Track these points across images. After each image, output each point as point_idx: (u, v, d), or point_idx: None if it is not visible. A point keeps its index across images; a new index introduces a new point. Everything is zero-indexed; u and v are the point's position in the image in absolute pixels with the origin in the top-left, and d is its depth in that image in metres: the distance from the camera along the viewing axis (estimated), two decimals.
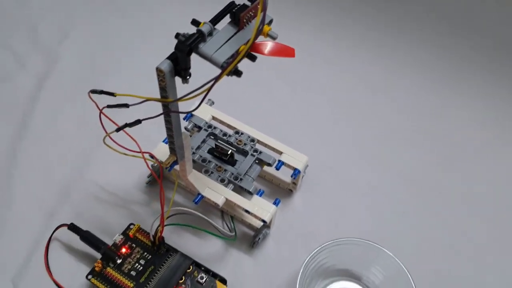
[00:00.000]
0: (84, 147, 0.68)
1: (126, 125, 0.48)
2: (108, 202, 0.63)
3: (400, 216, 0.64)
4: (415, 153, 0.71)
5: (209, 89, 0.39)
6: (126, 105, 0.47)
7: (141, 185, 0.65)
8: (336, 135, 0.72)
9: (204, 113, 0.64)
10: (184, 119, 0.64)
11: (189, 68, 0.41)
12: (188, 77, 0.41)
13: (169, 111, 0.44)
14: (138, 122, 0.47)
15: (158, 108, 0.46)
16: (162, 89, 0.42)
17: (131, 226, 0.58)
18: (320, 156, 0.67)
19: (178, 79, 0.42)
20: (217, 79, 0.39)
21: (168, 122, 0.46)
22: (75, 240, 0.58)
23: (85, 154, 0.67)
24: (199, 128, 0.63)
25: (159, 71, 0.40)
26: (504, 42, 0.85)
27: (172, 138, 0.48)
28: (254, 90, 0.75)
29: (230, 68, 0.39)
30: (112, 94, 0.45)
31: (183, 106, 0.46)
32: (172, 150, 0.50)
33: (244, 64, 0.41)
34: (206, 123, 0.63)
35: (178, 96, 0.43)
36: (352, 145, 0.71)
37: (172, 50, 0.40)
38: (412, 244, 0.61)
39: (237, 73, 0.40)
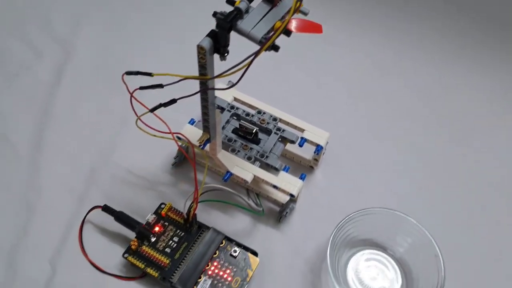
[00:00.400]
0: (107, 132, 0.69)
1: (161, 105, 0.49)
2: (136, 184, 0.65)
3: (418, 190, 0.66)
4: (428, 129, 0.73)
5: (249, 64, 0.41)
6: (160, 86, 0.48)
7: (167, 167, 0.66)
8: (352, 115, 0.74)
9: (226, 95, 0.66)
10: None
11: (228, 45, 0.42)
12: (226, 54, 0.43)
13: (207, 88, 0.45)
14: (173, 101, 0.49)
15: (185, 88, 0.46)
16: (202, 66, 0.43)
17: (162, 206, 0.60)
18: (337, 135, 0.68)
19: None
20: (257, 54, 0.40)
21: (204, 100, 0.48)
22: (107, 222, 0.60)
23: (109, 139, 0.69)
24: (222, 109, 0.64)
25: (200, 48, 0.42)
26: (509, 22, 0.87)
27: (207, 116, 0.50)
28: (270, 72, 0.77)
29: (269, 43, 0.40)
30: (149, 74, 0.47)
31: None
32: (206, 128, 0.52)
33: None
34: (229, 104, 0.65)
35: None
36: (368, 124, 0.73)
37: (187, 35, 0.42)
38: (431, 217, 0.62)
39: (275, 48, 0.41)
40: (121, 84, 0.76)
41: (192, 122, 0.63)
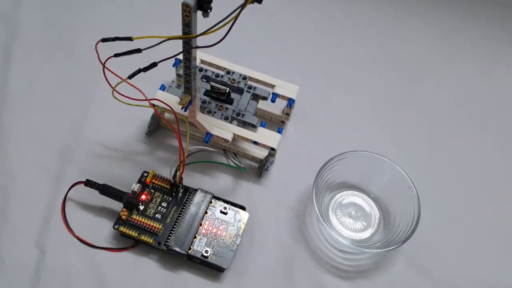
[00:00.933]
0: (72, 107, 0.67)
1: (140, 70, 0.49)
2: (111, 157, 0.64)
3: (386, 132, 0.70)
4: (384, 74, 0.77)
5: (236, 17, 0.41)
6: (138, 50, 0.48)
7: (140, 137, 0.65)
8: (314, 68, 0.76)
9: None
10: (173, 65, 0.65)
11: (212, 1, 0.42)
12: (209, 10, 0.43)
13: (191, 48, 0.45)
14: (154, 65, 0.48)
15: (148, 56, 0.47)
16: (186, 25, 0.43)
17: (145, 174, 0.60)
18: (302, 89, 0.70)
19: None
20: (243, 6, 0.41)
21: (187, 61, 0.48)
22: (88, 197, 0.59)
23: (76, 115, 0.66)
24: None
25: (185, 5, 0.41)
26: None
27: (189, 77, 0.50)
28: (233, 33, 0.77)
29: None
30: (129, 38, 0.46)
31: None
32: (188, 89, 0.52)
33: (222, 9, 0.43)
34: (196, 66, 0.65)
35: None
36: (331, 75, 0.76)
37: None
38: (400, 154, 0.66)
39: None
40: (78, 56, 0.74)
41: (162, 88, 0.63)
